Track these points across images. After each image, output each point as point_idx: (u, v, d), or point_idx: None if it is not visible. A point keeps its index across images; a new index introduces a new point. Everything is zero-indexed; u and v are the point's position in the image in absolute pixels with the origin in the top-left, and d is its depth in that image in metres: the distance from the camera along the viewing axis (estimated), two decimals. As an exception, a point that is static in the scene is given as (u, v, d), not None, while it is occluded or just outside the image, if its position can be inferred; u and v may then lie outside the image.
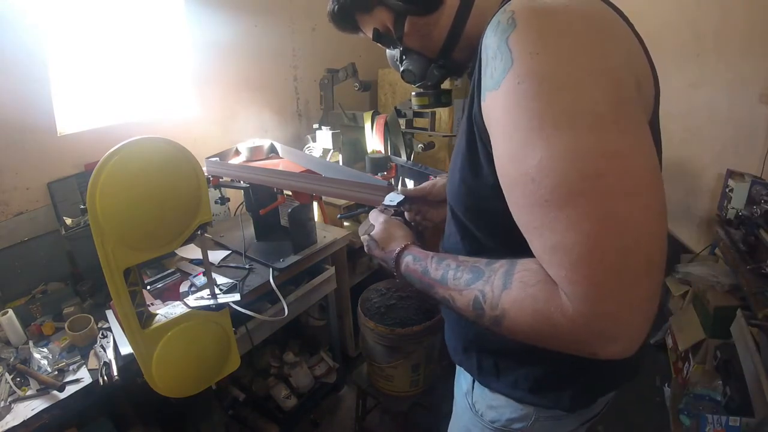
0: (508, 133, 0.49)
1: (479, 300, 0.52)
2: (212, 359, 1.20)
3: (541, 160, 0.45)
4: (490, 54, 0.51)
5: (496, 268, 0.52)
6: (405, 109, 2.04)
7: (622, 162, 0.43)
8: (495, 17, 0.53)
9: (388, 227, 0.77)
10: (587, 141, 0.44)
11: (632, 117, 0.46)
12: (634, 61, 0.52)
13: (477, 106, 0.55)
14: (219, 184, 1.54)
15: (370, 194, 1.00)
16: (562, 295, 0.44)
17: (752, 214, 1.76)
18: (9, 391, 1.10)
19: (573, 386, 0.69)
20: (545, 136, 0.45)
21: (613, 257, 0.42)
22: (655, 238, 0.43)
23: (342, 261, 1.94)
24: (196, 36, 1.87)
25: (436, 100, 0.87)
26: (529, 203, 0.47)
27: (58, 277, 1.50)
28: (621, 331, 0.43)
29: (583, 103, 0.45)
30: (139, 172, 0.95)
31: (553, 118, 0.45)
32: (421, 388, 1.69)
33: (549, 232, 0.45)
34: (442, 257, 0.62)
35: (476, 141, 0.58)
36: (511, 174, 0.49)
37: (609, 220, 0.42)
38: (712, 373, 1.68)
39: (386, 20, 0.72)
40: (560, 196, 0.44)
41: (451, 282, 0.57)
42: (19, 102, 1.41)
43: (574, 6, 0.49)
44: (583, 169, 0.43)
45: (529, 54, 0.47)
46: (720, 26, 2.07)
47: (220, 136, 2.02)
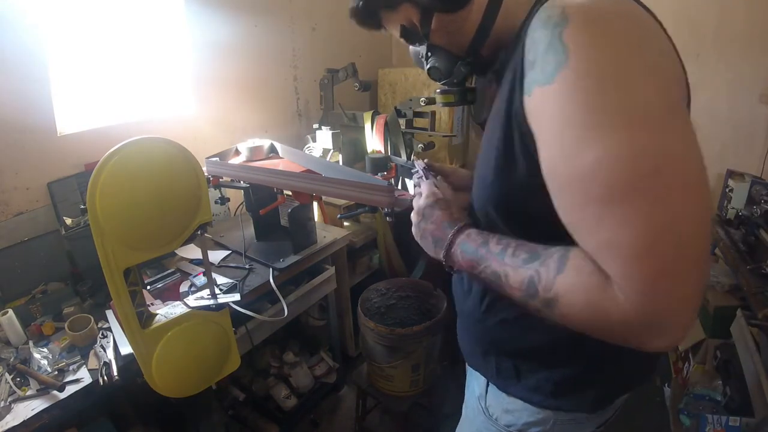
0: (559, 129, 0.48)
1: (534, 280, 0.52)
2: (212, 359, 1.21)
3: (597, 158, 0.45)
4: (540, 48, 0.50)
5: (552, 252, 0.52)
6: (405, 109, 2.04)
7: (676, 160, 0.44)
8: (542, 11, 0.52)
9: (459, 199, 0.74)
10: (644, 139, 0.44)
11: (684, 116, 0.48)
12: (673, 61, 0.53)
13: (519, 102, 0.54)
14: (219, 184, 1.54)
15: (370, 194, 1.00)
16: (615, 287, 0.45)
17: (752, 214, 1.75)
18: (9, 391, 1.10)
19: (593, 388, 0.69)
20: (601, 133, 0.45)
21: (668, 254, 0.42)
22: (704, 234, 0.44)
23: (342, 261, 1.94)
24: (196, 36, 1.87)
25: (461, 98, 0.84)
26: (582, 201, 0.47)
27: (58, 277, 1.50)
28: (671, 325, 0.44)
29: (639, 101, 0.45)
30: (139, 172, 0.95)
31: (610, 115, 0.45)
32: (421, 388, 1.69)
33: (603, 229, 0.45)
34: (502, 236, 0.60)
35: (513, 138, 0.57)
36: (562, 171, 0.49)
37: (664, 218, 0.43)
38: (712, 373, 1.67)
39: (412, 17, 0.70)
40: (616, 194, 0.44)
41: (508, 258, 0.56)
42: (19, 102, 1.41)
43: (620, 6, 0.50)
44: (640, 167, 0.43)
45: (585, 49, 0.47)
46: (720, 26, 2.07)
47: (220, 136, 2.02)
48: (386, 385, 1.67)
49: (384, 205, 0.98)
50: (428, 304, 1.82)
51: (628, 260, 0.44)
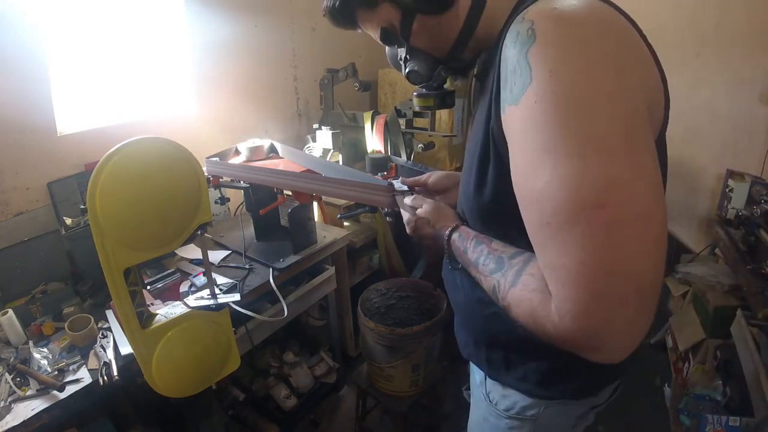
0: (522, 150, 0.50)
1: (496, 289, 0.58)
2: (212, 359, 1.20)
3: (547, 183, 0.46)
4: (509, 67, 0.51)
5: (514, 264, 0.56)
6: (405, 109, 2.04)
7: (624, 192, 0.44)
8: (514, 25, 0.52)
9: (438, 207, 0.79)
10: (593, 169, 0.44)
11: (641, 143, 0.47)
12: (646, 76, 0.53)
13: (495, 116, 0.56)
14: (219, 184, 1.54)
15: (371, 194, 1.00)
16: (552, 306, 0.48)
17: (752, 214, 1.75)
18: (9, 391, 1.10)
19: (579, 377, 0.71)
20: (554, 159, 0.46)
21: (599, 284, 0.44)
22: (647, 267, 0.44)
23: (342, 261, 1.94)
24: (196, 36, 1.87)
25: (441, 102, 0.84)
26: (533, 221, 0.50)
27: (58, 277, 1.50)
28: (603, 345, 0.47)
29: (596, 128, 0.45)
30: (139, 172, 0.95)
31: (563, 142, 0.45)
32: (421, 388, 1.69)
33: (547, 251, 0.48)
34: (480, 240, 0.65)
35: (490, 152, 0.60)
36: (521, 191, 0.52)
37: (601, 251, 0.44)
38: (712, 373, 1.67)
39: (392, 18, 0.69)
40: (559, 221, 0.46)
41: (480, 267, 0.62)
42: (19, 102, 1.41)
43: (593, 14, 0.49)
44: (585, 198, 0.44)
45: (548, 71, 0.46)
46: (720, 26, 2.07)
47: (220, 136, 2.02)
48: (386, 385, 1.67)
49: (384, 205, 0.98)
50: (428, 304, 1.82)
51: (563, 284, 0.46)
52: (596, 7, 0.50)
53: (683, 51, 2.19)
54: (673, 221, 2.45)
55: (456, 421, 1.89)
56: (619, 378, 0.78)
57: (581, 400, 0.76)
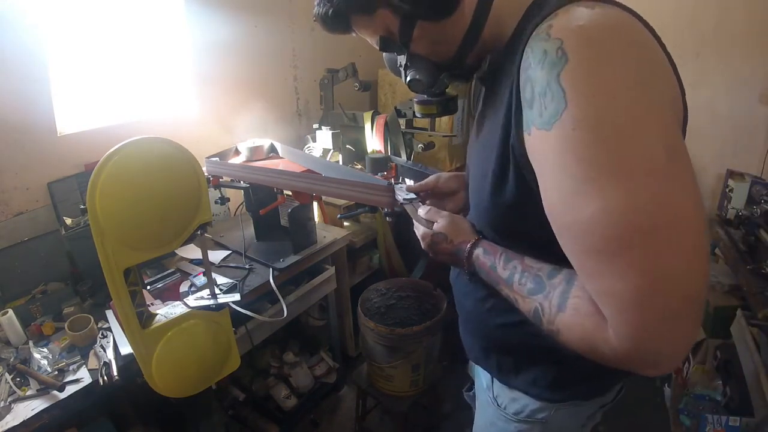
0: (559, 177, 0.48)
1: (539, 312, 0.55)
2: (212, 359, 1.20)
3: (595, 212, 0.45)
4: (537, 89, 0.49)
5: (555, 285, 0.54)
6: (405, 109, 2.04)
7: (674, 213, 0.44)
8: (538, 42, 0.50)
9: (455, 221, 0.74)
10: (642, 194, 0.44)
11: (683, 159, 0.46)
12: (670, 86, 0.52)
13: (516, 136, 0.54)
14: (219, 184, 1.54)
15: (371, 194, 1.00)
16: (609, 329, 0.47)
17: (752, 214, 1.76)
18: (9, 391, 1.10)
19: (589, 380, 0.71)
20: (599, 187, 0.45)
21: (658, 305, 0.43)
22: (697, 278, 0.44)
23: (342, 261, 1.94)
24: (196, 36, 1.87)
25: (443, 109, 0.79)
26: (580, 249, 0.48)
27: (58, 277, 1.50)
28: (660, 362, 0.47)
29: (639, 151, 0.44)
30: (139, 172, 0.95)
31: (608, 169, 0.45)
32: (421, 388, 1.69)
33: (599, 278, 0.47)
34: (510, 257, 0.62)
35: (509, 168, 0.58)
36: (561, 219, 0.50)
37: (658, 272, 0.43)
38: (712, 373, 1.67)
39: (390, 24, 0.65)
40: (612, 248, 0.45)
41: (516, 286, 0.59)
42: (19, 102, 1.41)
43: (619, 29, 0.48)
44: (637, 222, 0.44)
45: (584, 96, 0.45)
46: (720, 26, 2.07)
47: (220, 136, 2.02)
48: (386, 385, 1.67)
49: (384, 205, 0.97)
50: (428, 304, 1.82)
51: (621, 309, 0.45)
52: (620, 21, 0.49)
53: (683, 51, 2.19)
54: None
55: (456, 421, 1.89)
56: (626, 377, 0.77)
57: (591, 400, 0.75)
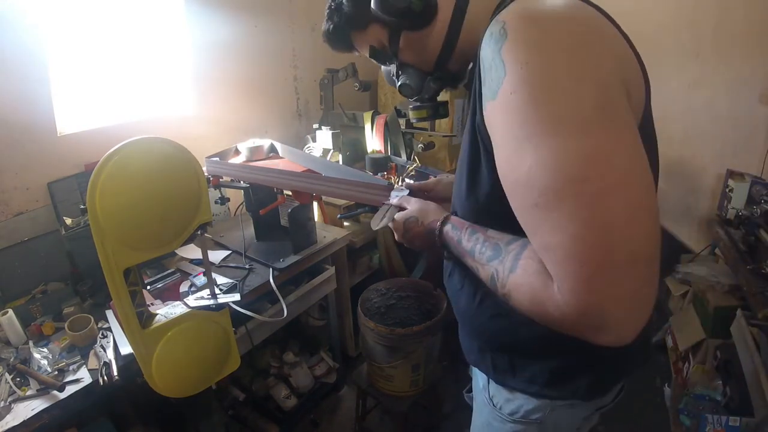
0: (505, 140, 0.52)
1: (494, 277, 0.58)
2: (212, 359, 1.21)
3: (531, 167, 0.48)
4: (486, 65, 0.54)
5: (510, 249, 0.56)
6: (405, 109, 2.04)
7: (605, 163, 0.46)
8: (489, 28, 0.55)
9: (423, 204, 0.80)
10: (571, 146, 0.46)
11: (618, 118, 0.48)
12: (623, 65, 0.54)
13: (479, 115, 0.58)
14: (219, 184, 1.54)
15: (371, 194, 1.00)
16: (554, 287, 0.48)
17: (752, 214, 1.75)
18: (9, 391, 1.10)
19: (586, 376, 0.71)
20: (534, 143, 0.48)
21: (597, 255, 0.44)
22: (640, 233, 0.45)
23: (342, 261, 1.94)
24: (196, 36, 1.87)
25: (434, 113, 0.89)
26: (522, 206, 0.51)
27: (58, 277, 1.50)
28: (610, 322, 0.46)
29: (569, 108, 0.47)
30: (139, 172, 0.95)
31: (541, 125, 0.48)
32: (421, 388, 1.69)
33: (540, 232, 0.49)
34: (474, 230, 0.65)
35: (479, 148, 0.61)
36: (507, 179, 0.53)
37: (593, 221, 0.45)
38: (712, 373, 1.67)
39: (381, 37, 0.74)
40: (547, 200, 0.47)
41: (477, 255, 0.62)
42: (19, 102, 1.41)
43: (562, 11, 0.52)
44: (568, 173, 0.46)
45: (519, 64, 0.49)
46: (719, 26, 2.07)
47: (220, 136, 2.02)
48: (386, 385, 1.67)
49: (384, 205, 0.98)
50: (428, 304, 1.82)
51: (561, 262, 0.46)
52: (567, 6, 0.53)
53: (683, 51, 2.20)
54: (673, 221, 2.45)
55: (456, 421, 1.89)
56: (626, 378, 0.77)
57: (591, 401, 0.75)
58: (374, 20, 0.73)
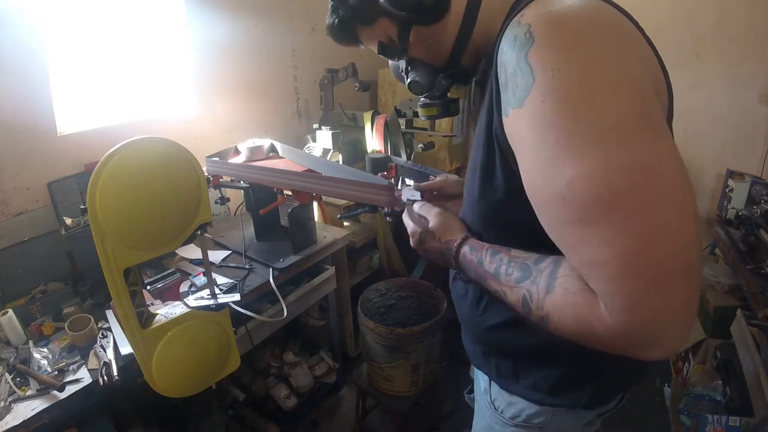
0: (535, 151, 0.48)
1: (527, 299, 0.54)
2: (212, 359, 1.20)
3: (572, 179, 0.45)
4: (509, 71, 0.51)
5: (542, 268, 0.53)
6: (405, 109, 2.04)
7: (653, 173, 0.43)
8: (510, 30, 0.52)
9: (444, 219, 0.75)
10: (617, 156, 0.43)
11: (658, 125, 0.46)
12: (650, 68, 0.52)
13: (498, 121, 0.55)
14: (219, 184, 1.54)
15: (371, 194, 1.00)
16: (601, 305, 0.45)
17: (752, 214, 1.76)
18: (9, 391, 1.10)
19: (589, 386, 0.71)
20: (574, 154, 0.45)
21: (650, 269, 0.42)
22: (689, 242, 0.43)
23: (342, 261, 1.94)
24: (196, 36, 1.87)
25: (444, 110, 0.83)
26: (561, 221, 0.48)
27: (58, 277, 1.50)
28: (662, 337, 0.44)
29: (610, 117, 0.44)
30: (139, 172, 0.95)
31: (581, 135, 0.45)
32: (421, 388, 1.69)
33: (584, 248, 0.46)
34: (497, 250, 0.62)
35: (495, 154, 0.58)
36: (541, 192, 0.50)
37: (644, 233, 0.42)
38: (712, 373, 1.68)
39: (390, 31, 0.70)
40: (594, 214, 0.44)
41: (503, 277, 0.58)
42: (19, 102, 1.41)
43: (589, 13, 0.49)
44: (615, 185, 0.43)
45: (551, 71, 0.46)
46: (719, 26, 2.07)
47: (220, 135, 2.02)
48: (386, 385, 1.67)
49: (384, 205, 0.97)
50: (428, 304, 1.82)
51: (610, 279, 0.44)
52: (591, 6, 0.50)
53: (683, 51, 2.19)
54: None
55: (456, 421, 1.88)
56: (630, 387, 0.76)
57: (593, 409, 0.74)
58: (383, 14, 0.69)
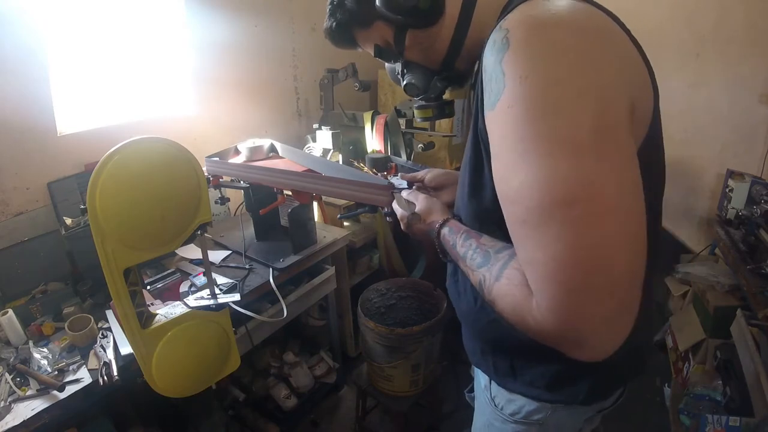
0: (500, 153, 0.52)
1: (481, 283, 0.59)
2: (212, 359, 1.20)
3: (521, 183, 0.48)
4: (487, 75, 0.53)
5: (499, 258, 0.57)
6: (405, 109, 2.04)
7: (595, 189, 0.45)
8: (493, 34, 0.53)
9: (429, 203, 0.80)
10: (563, 168, 0.46)
11: (614, 142, 0.48)
12: (629, 74, 0.53)
13: (481, 122, 0.57)
14: (219, 184, 1.54)
15: (371, 194, 1.00)
16: (534, 301, 0.49)
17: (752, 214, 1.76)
18: (9, 391, 1.10)
19: (586, 381, 0.71)
20: (527, 160, 0.48)
21: (576, 277, 0.45)
22: (622, 262, 0.45)
23: (342, 261, 1.94)
24: (196, 36, 1.87)
25: (440, 112, 0.86)
26: (512, 220, 0.52)
27: (58, 277, 1.50)
28: (585, 341, 0.47)
29: (566, 129, 0.46)
30: (139, 172, 0.95)
31: (535, 144, 0.47)
32: (421, 388, 1.69)
33: (525, 247, 0.50)
34: (469, 235, 0.66)
35: (482, 154, 0.61)
36: (500, 191, 0.54)
37: (576, 244, 0.45)
38: (712, 373, 1.67)
39: (386, 35, 0.73)
40: (534, 219, 0.47)
41: (468, 261, 0.63)
42: (19, 102, 1.41)
43: (568, 17, 0.50)
44: (557, 195, 0.46)
45: (519, 78, 0.48)
46: (719, 26, 2.07)
47: (220, 135, 2.02)
48: (386, 385, 1.67)
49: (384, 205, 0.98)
50: (428, 304, 1.82)
51: (541, 278, 0.47)
52: (574, 11, 0.51)
53: (683, 51, 2.19)
54: (673, 221, 2.45)
55: (456, 421, 1.89)
56: (627, 382, 0.78)
57: (590, 405, 0.75)
58: (379, 18, 0.71)
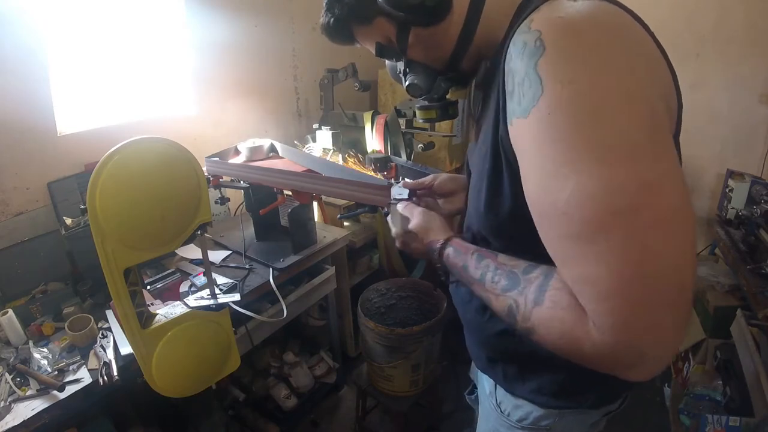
0: (538, 162, 0.48)
1: (513, 309, 0.53)
2: (212, 359, 1.20)
3: (572, 194, 0.44)
4: (517, 79, 0.49)
5: (532, 279, 0.52)
6: (405, 109, 2.04)
7: (654, 194, 0.42)
8: (519, 35, 0.50)
9: (426, 219, 0.75)
10: (620, 175, 0.43)
11: (664, 144, 0.45)
12: (659, 76, 0.51)
13: (504, 129, 0.54)
14: (219, 184, 1.54)
15: (371, 194, 1.00)
16: (589, 322, 0.45)
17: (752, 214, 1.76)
18: (9, 391, 1.10)
19: (594, 387, 0.70)
20: (577, 169, 0.44)
21: (640, 291, 0.42)
22: (683, 267, 0.43)
23: (342, 261, 1.94)
24: (196, 36, 1.87)
25: (443, 113, 0.82)
26: (558, 235, 0.47)
27: (58, 277, 1.50)
28: (643, 360, 0.44)
29: (617, 134, 0.44)
30: (139, 172, 0.95)
31: (586, 151, 0.44)
32: (421, 388, 1.69)
33: (578, 264, 0.45)
34: (483, 255, 0.61)
35: (501, 163, 0.57)
36: (541, 204, 0.49)
37: (638, 256, 0.42)
38: (712, 373, 1.67)
39: (388, 32, 0.68)
40: (591, 231, 0.43)
41: (488, 284, 0.58)
42: (19, 102, 1.41)
43: (600, 18, 0.48)
44: (615, 204, 0.42)
45: (560, 83, 0.45)
46: (719, 26, 2.07)
47: (220, 135, 2.02)
48: (386, 385, 1.67)
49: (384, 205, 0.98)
50: (428, 304, 1.82)
51: (600, 297, 0.43)
52: (602, 11, 0.49)
53: (683, 51, 2.19)
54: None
55: (456, 421, 1.89)
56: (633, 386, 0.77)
57: (598, 409, 0.74)
58: (381, 14, 0.66)
